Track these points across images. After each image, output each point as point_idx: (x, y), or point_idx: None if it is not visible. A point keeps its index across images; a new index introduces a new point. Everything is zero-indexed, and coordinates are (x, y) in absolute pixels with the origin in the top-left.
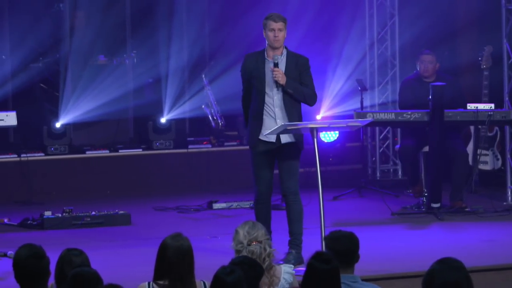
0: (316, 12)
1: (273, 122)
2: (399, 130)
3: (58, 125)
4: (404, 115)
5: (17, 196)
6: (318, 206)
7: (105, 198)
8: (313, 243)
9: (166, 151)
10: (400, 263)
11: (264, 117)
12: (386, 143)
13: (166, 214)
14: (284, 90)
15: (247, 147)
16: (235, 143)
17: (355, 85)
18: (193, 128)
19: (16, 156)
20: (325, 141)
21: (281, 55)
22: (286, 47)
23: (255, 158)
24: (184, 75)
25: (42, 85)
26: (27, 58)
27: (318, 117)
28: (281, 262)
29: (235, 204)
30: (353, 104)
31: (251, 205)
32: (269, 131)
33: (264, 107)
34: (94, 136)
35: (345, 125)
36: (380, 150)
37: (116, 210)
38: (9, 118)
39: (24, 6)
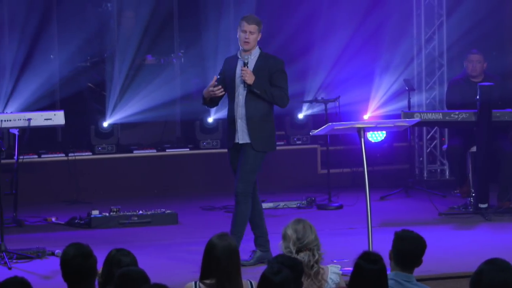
0: (364, 13)
1: (236, 122)
2: (446, 130)
3: (105, 124)
4: (452, 115)
5: (65, 195)
6: (365, 206)
7: (152, 197)
8: (360, 243)
9: (213, 150)
10: (448, 264)
11: (233, 115)
12: (434, 143)
13: (213, 214)
14: (250, 90)
15: (293, 146)
16: (282, 142)
17: (403, 85)
18: None
19: (64, 155)
20: (372, 141)
21: (251, 56)
22: (260, 49)
23: (229, 159)
24: None
25: (89, 84)
26: (75, 58)
27: (366, 117)
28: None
29: (282, 204)
30: (401, 104)
31: (298, 205)
32: (318, 130)
33: (234, 107)
34: (141, 136)
35: (392, 125)
36: (428, 150)
37: (163, 210)
38: (57, 118)
39: (72, 6)
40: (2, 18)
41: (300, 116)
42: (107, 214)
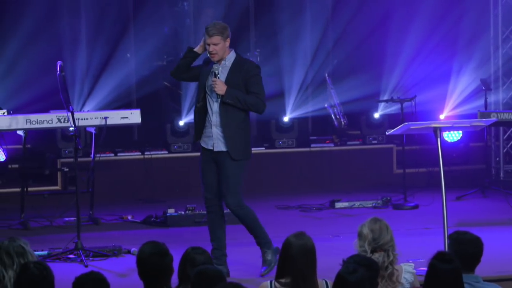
0: (441, 12)
1: (209, 128)
2: None
3: (181, 123)
4: None
5: (141, 194)
6: (441, 206)
7: None
8: (435, 243)
9: (289, 149)
10: None
11: (206, 120)
12: (510, 143)
13: (288, 213)
14: (223, 100)
15: (369, 146)
16: (357, 142)
17: (479, 85)
18: (315, 127)
19: (140, 153)
20: (449, 141)
21: (224, 63)
22: (237, 53)
23: (200, 164)
24: (307, 75)
25: (166, 83)
26: (151, 57)
27: (442, 116)
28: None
29: (357, 203)
30: (477, 104)
31: (374, 204)
32: (394, 129)
33: (207, 111)
34: None
35: (469, 125)
36: (504, 150)
37: None
38: (134, 116)
39: (148, 6)
40: (80, 19)
41: (376, 115)
42: (183, 213)
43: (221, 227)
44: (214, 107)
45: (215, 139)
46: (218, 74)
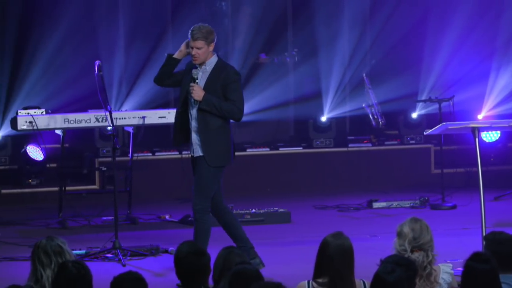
0: (479, 12)
1: (193, 133)
2: None
3: None
4: None
5: (179, 193)
6: (479, 206)
7: (265, 196)
8: (474, 244)
9: (326, 149)
10: None
11: (187, 126)
12: None
13: (325, 213)
14: (199, 107)
15: (407, 146)
16: (395, 142)
17: None
18: (353, 127)
19: (178, 153)
20: (487, 141)
21: (205, 68)
22: (219, 58)
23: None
24: (345, 75)
25: None
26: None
27: (480, 116)
28: None
29: (395, 203)
30: None
31: (412, 204)
32: (432, 129)
33: (188, 116)
34: (255, 134)
35: (507, 125)
36: None
37: (276, 208)
38: (171, 116)
39: (186, 6)
40: (118, 20)
41: (414, 115)
42: None
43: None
44: (193, 112)
45: (194, 145)
46: (197, 79)
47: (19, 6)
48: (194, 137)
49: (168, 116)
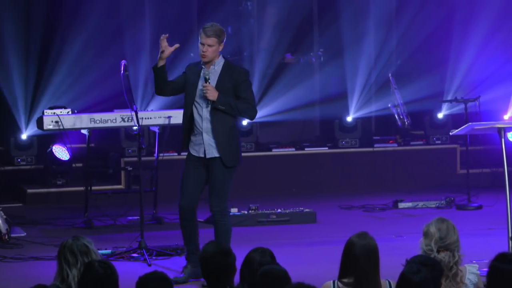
0: (505, 11)
1: (200, 135)
2: None
3: (244, 122)
4: None
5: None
6: (505, 206)
7: (291, 196)
8: (499, 244)
9: (352, 149)
10: None
11: (194, 127)
12: None
13: (351, 213)
14: (214, 106)
15: (432, 146)
16: (421, 142)
17: None
18: (379, 127)
19: None
20: None
21: (213, 68)
22: (225, 59)
23: (184, 171)
24: (370, 75)
25: None
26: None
27: (506, 117)
28: None
29: (420, 204)
30: None
31: (437, 204)
32: (458, 130)
33: (194, 118)
34: (280, 134)
35: None
36: None
37: (302, 208)
38: None
39: (212, 5)
40: (145, 20)
41: (440, 115)
42: (246, 212)
43: (197, 235)
44: (204, 113)
45: (207, 146)
46: (209, 79)
47: (45, 6)
48: (207, 138)
49: None
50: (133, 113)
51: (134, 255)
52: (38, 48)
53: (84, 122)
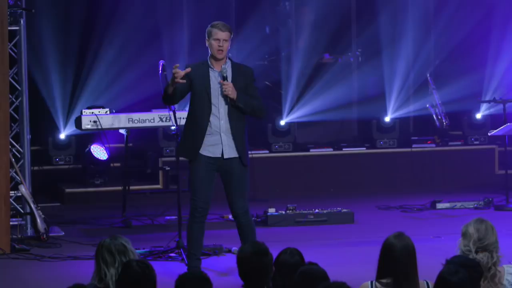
0: None
1: (216, 135)
2: None
3: (282, 123)
4: None
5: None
6: None
7: (328, 196)
8: None
9: (390, 150)
10: None
11: (208, 128)
12: None
13: (389, 213)
14: (233, 104)
15: (470, 147)
16: (459, 143)
17: None
18: (417, 127)
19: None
20: None
21: (224, 67)
22: (230, 58)
23: (195, 171)
24: (408, 75)
25: (267, 83)
26: (253, 57)
27: None
28: None
29: (459, 204)
30: None
31: (476, 205)
32: (496, 130)
33: (209, 119)
34: (318, 134)
35: None
36: None
37: (339, 208)
38: None
39: (250, 5)
40: (182, 20)
41: (478, 116)
42: (284, 212)
43: (202, 239)
44: (221, 113)
45: (225, 146)
46: (227, 77)
47: (83, 7)
48: (225, 138)
49: None
50: (171, 113)
51: (172, 254)
52: (77, 48)
53: (122, 121)
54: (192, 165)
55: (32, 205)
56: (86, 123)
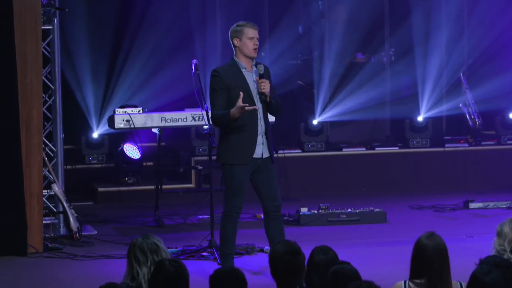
0: None
1: (260, 136)
2: None
3: (315, 122)
4: None
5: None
6: None
7: (361, 195)
8: None
9: (423, 149)
10: None
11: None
12: None
13: (421, 213)
14: (266, 102)
15: (504, 146)
16: (492, 142)
17: None
18: (450, 126)
19: (274, 152)
20: None
21: (253, 65)
22: None
23: (239, 175)
24: (442, 74)
25: (299, 82)
26: (286, 56)
27: None
28: None
29: (491, 204)
30: None
31: (509, 205)
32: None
33: (252, 121)
34: (351, 134)
35: None
36: None
37: (372, 208)
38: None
39: (283, 5)
40: (216, 20)
41: (511, 115)
42: (316, 212)
43: (236, 236)
44: (260, 112)
45: (264, 146)
46: (263, 74)
47: (116, 7)
48: (261, 138)
49: None
50: (204, 112)
51: (204, 254)
52: (110, 48)
53: (155, 121)
54: (236, 167)
55: (65, 204)
56: (119, 122)
